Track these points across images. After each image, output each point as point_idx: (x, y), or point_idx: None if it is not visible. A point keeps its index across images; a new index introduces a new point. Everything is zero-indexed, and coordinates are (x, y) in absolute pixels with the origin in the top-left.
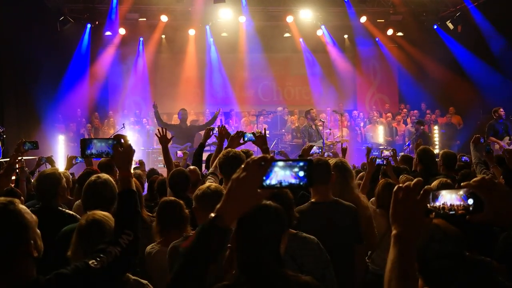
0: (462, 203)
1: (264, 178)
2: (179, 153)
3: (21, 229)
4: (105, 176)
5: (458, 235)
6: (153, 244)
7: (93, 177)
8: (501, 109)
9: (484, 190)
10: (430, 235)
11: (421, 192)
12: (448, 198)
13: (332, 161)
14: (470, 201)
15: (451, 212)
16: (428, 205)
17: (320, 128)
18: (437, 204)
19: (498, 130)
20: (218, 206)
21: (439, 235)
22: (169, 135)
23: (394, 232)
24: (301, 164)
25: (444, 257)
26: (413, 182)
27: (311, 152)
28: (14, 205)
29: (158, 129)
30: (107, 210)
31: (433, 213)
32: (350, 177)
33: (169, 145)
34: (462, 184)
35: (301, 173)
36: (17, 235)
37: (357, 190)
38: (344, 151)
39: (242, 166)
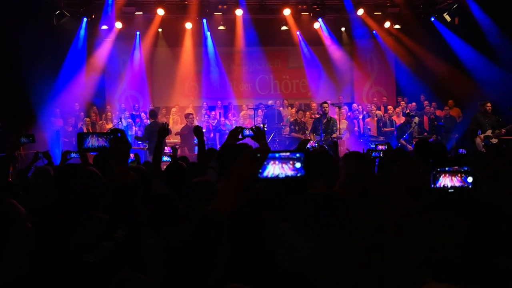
0: (462, 184)
1: (261, 170)
2: (167, 148)
3: (10, 224)
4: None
5: (466, 226)
6: (145, 238)
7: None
8: (488, 104)
9: (479, 167)
10: (438, 226)
11: (420, 172)
12: (449, 179)
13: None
14: (470, 179)
15: (450, 191)
16: (430, 185)
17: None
18: (437, 185)
19: (484, 123)
20: (214, 199)
21: (446, 226)
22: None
23: (393, 214)
24: (298, 155)
25: (451, 248)
26: (412, 162)
27: (307, 146)
28: (3, 199)
29: (162, 123)
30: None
31: (434, 192)
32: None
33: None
34: (462, 161)
35: (298, 165)
36: (5, 230)
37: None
38: (335, 144)
39: (238, 159)
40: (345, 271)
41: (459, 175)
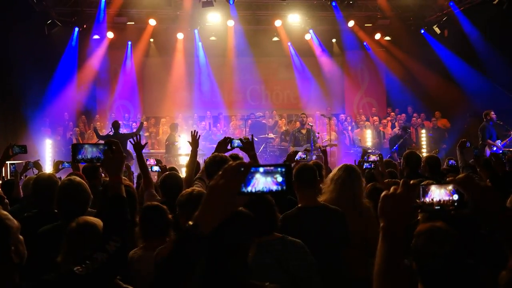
0: (450, 198)
1: (245, 184)
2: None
3: (1, 235)
4: (77, 179)
5: (458, 237)
6: (135, 249)
7: (65, 180)
8: (492, 112)
9: (466, 186)
10: (429, 236)
11: (408, 187)
12: (437, 193)
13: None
14: (456, 197)
15: (436, 207)
16: (417, 200)
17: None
18: (426, 199)
19: (492, 133)
20: (195, 214)
21: (439, 236)
22: (143, 142)
23: (382, 225)
24: (280, 169)
25: (442, 258)
26: (401, 181)
27: (296, 158)
28: None
29: (133, 137)
30: (81, 213)
31: (420, 209)
32: (354, 179)
33: None
34: (448, 179)
35: (280, 179)
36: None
37: (360, 193)
38: (324, 152)
39: (220, 172)
40: (337, 280)
41: (447, 188)
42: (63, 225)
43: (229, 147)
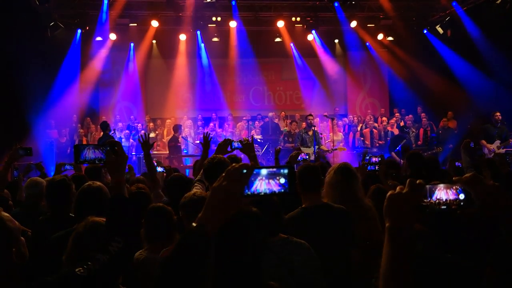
0: (457, 197)
1: (248, 186)
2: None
3: (3, 236)
4: (97, 183)
5: (431, 236)
6: (140, 250)
7: (84, 185)
8: (498, 113)
9: (471, 185)
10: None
11: (414, 187)
12: (444, 193)
13: (335, 165)
14: (462, 196)
15: (443, 207)
16: (424, 200)
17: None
18: (432, 199)
19: (492, 134)
20: (199, 215)
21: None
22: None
23: (387, 225)
24: (282, 171)
25: (415, 257)
26: (407, 180)
27: (298, 159)
28: None
29: (141, 135)
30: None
31: (426, 208)
32: (353, 180)
33: None
34: (453, 179)
35: (283, 180)
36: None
37: (360, 193)
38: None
39: (223, 174)
40: (344, 278)
41: (454, 188)
42: None
43: (229, 149)
